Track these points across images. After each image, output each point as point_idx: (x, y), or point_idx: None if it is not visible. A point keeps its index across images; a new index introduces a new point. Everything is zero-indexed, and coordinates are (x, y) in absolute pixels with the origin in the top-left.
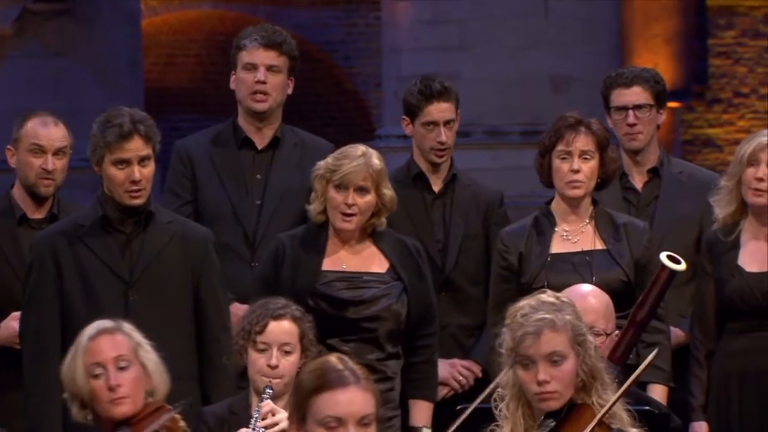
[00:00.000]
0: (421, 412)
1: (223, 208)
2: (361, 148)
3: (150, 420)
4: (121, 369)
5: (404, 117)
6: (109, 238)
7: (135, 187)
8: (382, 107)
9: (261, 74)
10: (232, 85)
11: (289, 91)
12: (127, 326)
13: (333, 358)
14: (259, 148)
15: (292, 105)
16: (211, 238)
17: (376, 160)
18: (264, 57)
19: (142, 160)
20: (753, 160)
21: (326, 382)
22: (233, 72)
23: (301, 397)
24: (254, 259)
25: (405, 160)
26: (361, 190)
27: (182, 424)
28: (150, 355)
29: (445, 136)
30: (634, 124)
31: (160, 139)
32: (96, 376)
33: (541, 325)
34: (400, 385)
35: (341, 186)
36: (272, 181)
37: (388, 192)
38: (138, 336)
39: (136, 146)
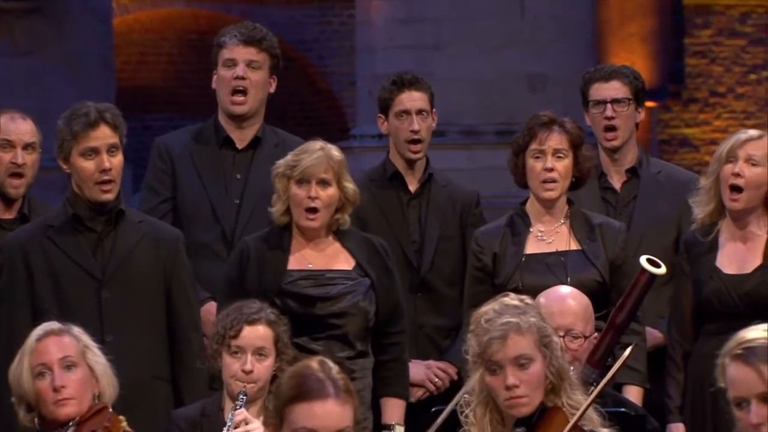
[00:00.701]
0: (394, 410)
1: (202, 206)
2: (319, 143)
3: (93, 421)
4: (67, 370)
5: (379, 115)
6: (80, 237)
7: (106, 177)
8: (356, 106)
9: (240, 70)
10: (214, 85)
11: (271, 89)
12: (76, 329)
13: (315, 365)
14: (240, 147)
15: (266, 104)
16: (181, 239)
17: (335, 152)
18: (244, 53)
19: (111, 149)
20: (731, 157)
21: (304, 391)
22: (214, 71)
23: (279, 403)
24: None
25: (379, 160)
26: (323, 183)
27: (124, 425)
28: (98, 359)
29: (418, 125)
30: (612, 118)
31: (132, 139)
32: (41, 376)
33: (506, 329)
34: (371, 384)
35: (303, 180)
36: (252, 181)
37: (350, 185)
38: (86, 339)
39: (104, 134)
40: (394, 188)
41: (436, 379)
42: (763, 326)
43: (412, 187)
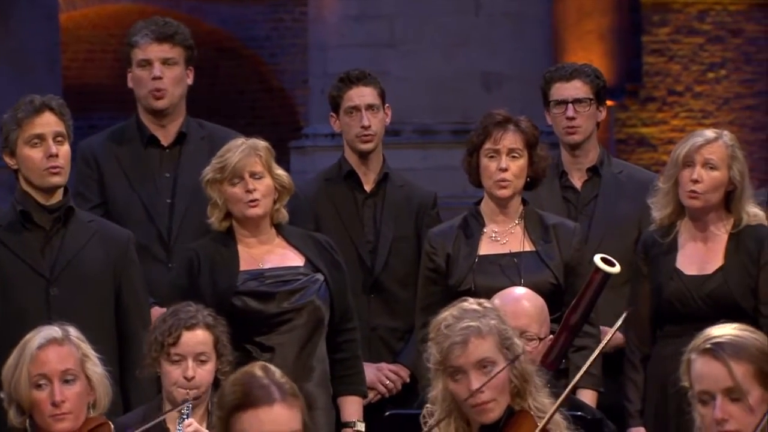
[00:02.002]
0: (353, 407)
1: (134, 209)
2: (240, 139)
3: None
4: (67, 383)
5: (331, 114)
6: (29, 236)
7: (53, 163)
8: (308, 105)
9: (157, 70)
10: (130, 84)
11: (189, 81)
12: (74, 334)
13: (258, 371)
14: (165, 145)
15: (215, 102)
16: (132, 239)
17: (260, 142)
18: (157, 51)
19: (57, 138)
20: (688, 162)
21: (249, 399)
22: (129, 70)
23: (224, 413)
24: (170, 259)
25: (332, 160)
26: (256, 176)
27: None
28: (96, 368)
29: (368, 120)
30: (573, 118)
31: (79, 138)
32: (40, 387)
33: (467, 333)
34: (329, 384)
35: (236, 177)
36: (181, 178)
37: (282, 173)
38: (85, 346)
39: (49, 121)
40: (349, 187)
41: (388, 382)
42: (728, 325)
43: (368, 186)
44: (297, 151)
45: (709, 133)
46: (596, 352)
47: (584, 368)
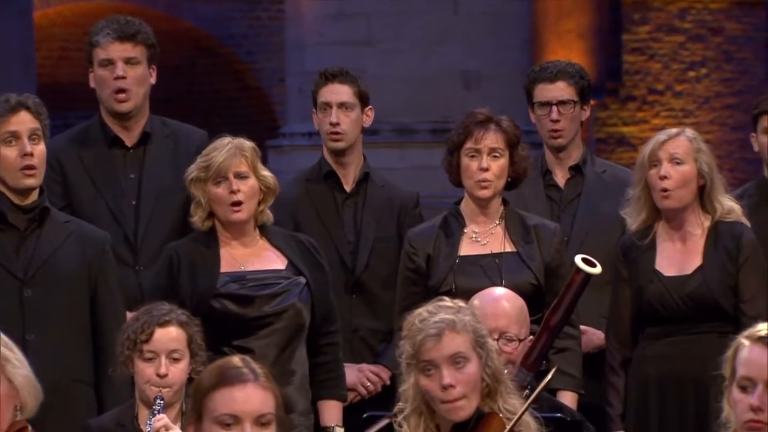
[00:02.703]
0: (332, 412)
1: (100, 211)
2: (227, 138)
3: None
4: None
5: (314, 111)
6: (3, 236)
7: (28, 162)
8: (285, 104)
9: (119, 69)
10: (92, 84)
11: (152, 81)
12: None
13: (235, 358)
14: (129, 145)
15: (190, 102)
16: (109, 240)
17: (246, 143)
18: (120, 51)
19: (33, 136)
20: (654, 161)
21: (223, 378)
22: (91, 70)
23: (199, 395)
24: (137, 262)
25: (310, 159)
26: (241, 177)
27: None
28: (17, 370)
29: (337, 117)
30: (557, 120)
31: (54, 136)
32: None
33: (441, 326)
34: (309, 388)
35: (220, 177)
36: (146, 179)
37: (268, 174)
38: (5, 350)
39: (24, 119)
40: (329, 187)
41: (368, 384)
42: None
43: (348, 186)
44: (274, 151)
45: (671, 129)
46: (532, 397)
47: (526, 405)
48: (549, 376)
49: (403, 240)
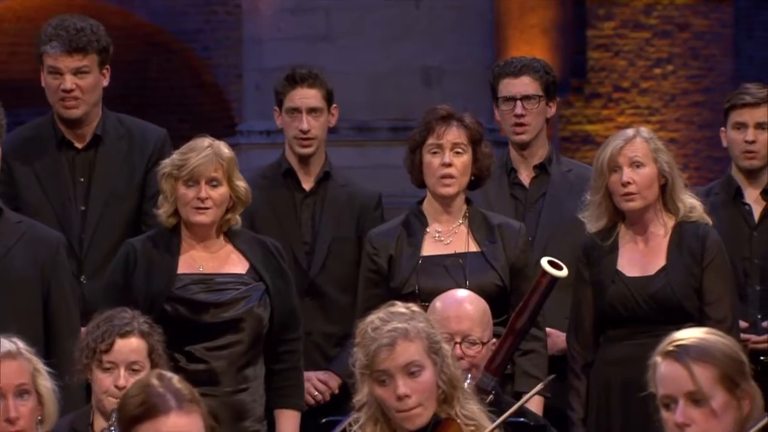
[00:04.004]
0: (289, 422)
1: (45, 216)
2: (207, 140)
3: None
4: (20, 397)
5: (275, 108)
6: None
7: None
8: (243, 101)
9: (67, 83)
10: (43, 83)
11: (105, 83)
12: (23, 347)
13: (154, 380)
14: (80, 147)
15: (146, 98)
16: (63, 242)
17: (225, 150)
18: (68, 62)
19: None
20: (614, 166)
21: (146, 410)
22: (41, 69)
23: (124, 426)
24: (82, 271)
25: (268, 157)
26: (213, 183)
27: None
28: (46, 383)
29: (308, 124)
30: (522, 115)
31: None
32: None
33: (394, 336)
34: (263, 395)
35: (191, 180)
36: (96, 184)
37: (242, 184)
38: (36, 360)
39: None
40: (288, 186)
41: (316, 393)
42: (696, 329)
43: (307, 185)
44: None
45: (627, 131)
46: (507, 414)
47: (501, 419)
48: (527, 397)
49: (362, 241)
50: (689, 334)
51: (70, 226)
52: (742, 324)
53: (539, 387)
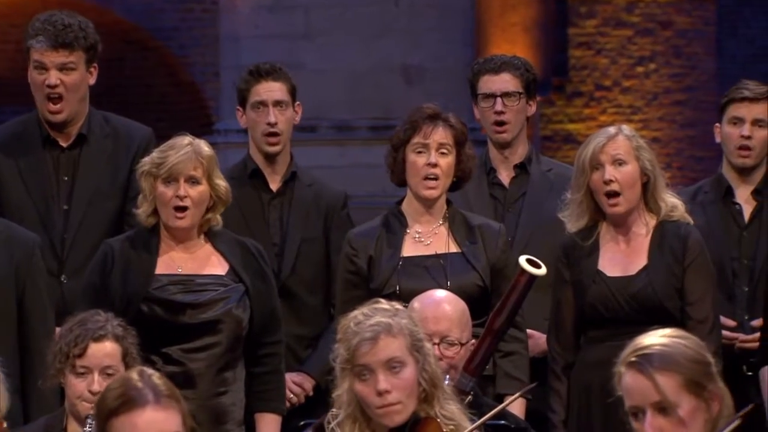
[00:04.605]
0: (270, 426)
1: (27, 214)
2: (187, 138)
3: None
4: None
5: (238, 108)
6: None
7: None
8: (220, 99)
9: (52, 78)
10: (29, 78)
11: (92, 81)
12: None
13: (134, 374)
14: (64, 146)
15: (122, 96)
16: (38, 243)
17: (205, 148)
18: (54, 57)
19: None
20: (596, 164)
21: (123, 404)
22: (28, 64)
23: (101, 419)
24: (62, 271)
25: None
26: (193, 181)
27: None
28: None
29: (275, 117)
30: (502, 112)
31: None
32: None
33: (377, 330)
34: (243, 398)
35: (170, 178)
36: (80, 183)
37: (222, 183)
38: None
39: None
40: (255, 186)
41: (290, 394)
42: (659, 332)
43: (274, 185)
44: None
45: (608, 129)
46: (487, 416)
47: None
48: (509, 402)
49: (329, 241)
50: (651, 340)
51: (53, 225)
52: (730, 323)
53: (522, 392)
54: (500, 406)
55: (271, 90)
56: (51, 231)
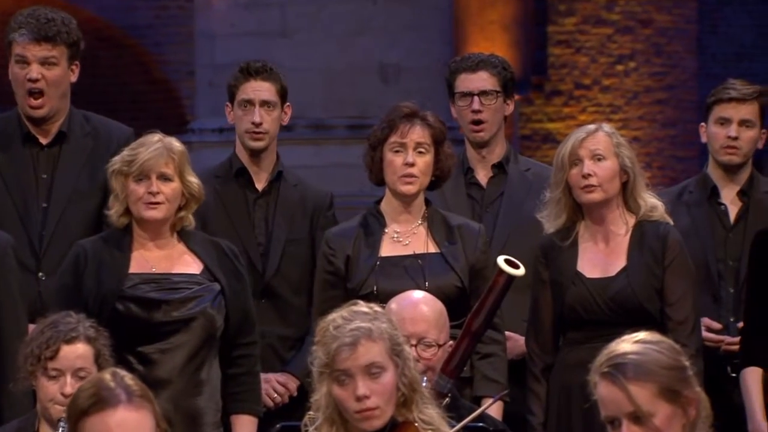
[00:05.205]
0: (246, 428)
1: (6, 212)
2: (157, 135)
3: None
4: None
5: (227, 103)
6: None
7: None
8: (195, 98)
9: (34, 72)
10: (10, 76)
11: (73, 78)
12: None
13: (107, 375)
14: (44, 143)
15: (95, 95)
16: (11, 243)
17: (176, 144)
18: (36, 51)
19: None
20: (575, 159)
21: (95, 403)
22: (9, 59)
23: (72, 419)
24: (40, 268)
25: (220, 156)
26: (164, 178)
27: None
28: None
29: (260, 117)
30: (479, 111)
31: None
32: None
33: (357, 335)
34: (219, 401)
35: (141, 176)
36: (59, 180)
37: (194, 180)
38: None
39: None
40: (240, 186)
41: (275, 394)
42: (633, 337)
43: (260, 185)
44: None
45: (588, 126)
46: (466, 420)
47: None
48: (485, 407)
49: (315, 242)
50: (624, 348)
51: (31, 223)
52: (715, 326)
53: (498, 396)
54: (478, 411)
55: (259, 89)
56: (29, 228)
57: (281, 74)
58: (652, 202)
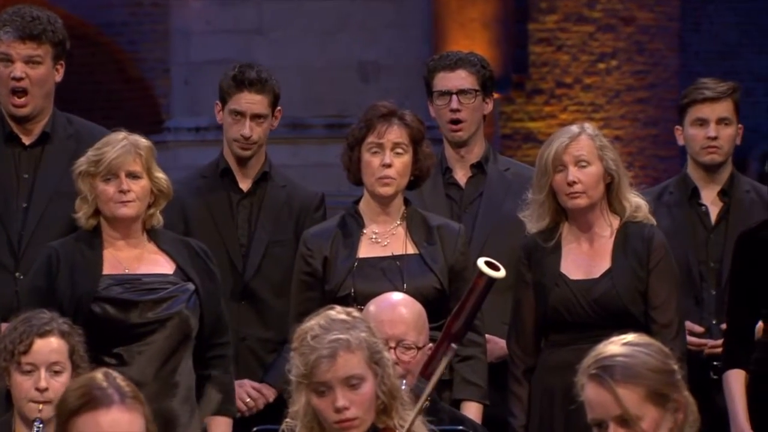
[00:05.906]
0: (221, 429)
1: None
2: (122, 133)
3: None
4: None
5: (217, 102)
6: None
7: None
8: (170, 97)
9: (18, 71)
10: None
11: (58, 78)
12: None
13: (99, 375)
14: (27, 144)
15: (69, 94)
16: None
17: (142, 141)
18: (21, 49)
19: None
20: (559, 165)
21: (87, 402)
22: None
23: (62, 418)
24: (18, 268)
25: (196, 155)
26: (133, 176)
27: None
28: None
29: (250, 130)
30: (458, 110)
31: None
32: None
33: (335, 347)
34: (195, 403)
35: (110, 175)
36: (40, 181)
37: (162, 176)
38: None
39: None
40: (224, 186)
41: (248, 399)
42: (621, 339)
43: (244, 185)
44: (158, 146)
45: (571, 129)
46: (421, 400)
47: (417, 407)
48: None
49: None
50: (613, 350)
51: (11, 222)
52: (698, 329)
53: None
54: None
55: (252, 102)
56: (9, 228)
57: (275, 82)
58: (636, 201)
